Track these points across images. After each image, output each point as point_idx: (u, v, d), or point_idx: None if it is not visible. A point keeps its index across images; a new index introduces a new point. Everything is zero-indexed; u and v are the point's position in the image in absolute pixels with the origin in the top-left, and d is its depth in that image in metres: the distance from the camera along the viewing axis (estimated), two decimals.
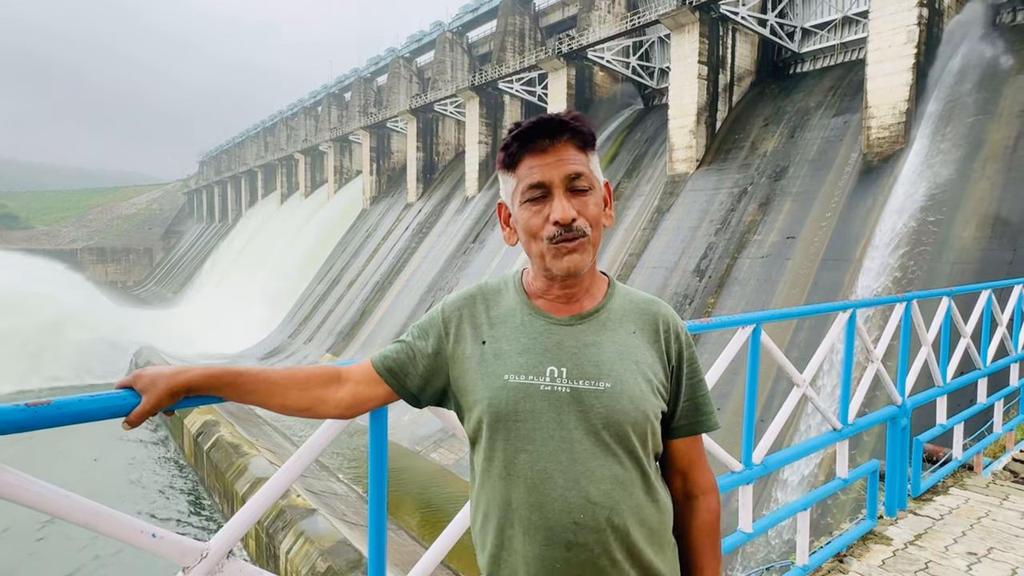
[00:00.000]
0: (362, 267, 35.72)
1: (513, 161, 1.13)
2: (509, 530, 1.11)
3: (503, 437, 1.11)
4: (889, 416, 3.58)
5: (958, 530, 3.40)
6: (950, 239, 12.70)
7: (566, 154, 1.11)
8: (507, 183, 1.16)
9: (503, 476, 1.11)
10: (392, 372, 1.21)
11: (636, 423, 1.11)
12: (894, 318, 3.67)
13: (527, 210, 1.13)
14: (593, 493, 1.08)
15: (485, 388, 1.12)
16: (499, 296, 1.22)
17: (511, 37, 32.54)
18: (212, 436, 16.38)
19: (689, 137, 20.23)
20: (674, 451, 1.23)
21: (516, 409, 1.10)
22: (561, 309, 1.17)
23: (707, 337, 14.34)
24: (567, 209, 1.09)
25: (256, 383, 1.15)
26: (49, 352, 30.46)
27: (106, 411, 1.04)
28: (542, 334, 1.14)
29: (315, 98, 55.81)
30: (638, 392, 1.12)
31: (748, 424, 2.64)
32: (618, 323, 1.17)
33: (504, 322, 1.17)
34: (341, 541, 10.41)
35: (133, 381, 1.07)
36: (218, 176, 74.20)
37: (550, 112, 1.13)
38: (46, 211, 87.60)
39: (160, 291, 67.93)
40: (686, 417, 1.22)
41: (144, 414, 1.05)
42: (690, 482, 1.24)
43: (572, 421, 1.09)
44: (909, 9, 15.22)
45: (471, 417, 1.15)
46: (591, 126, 1.15)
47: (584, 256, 1.12)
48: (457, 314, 1.20)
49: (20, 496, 0.97)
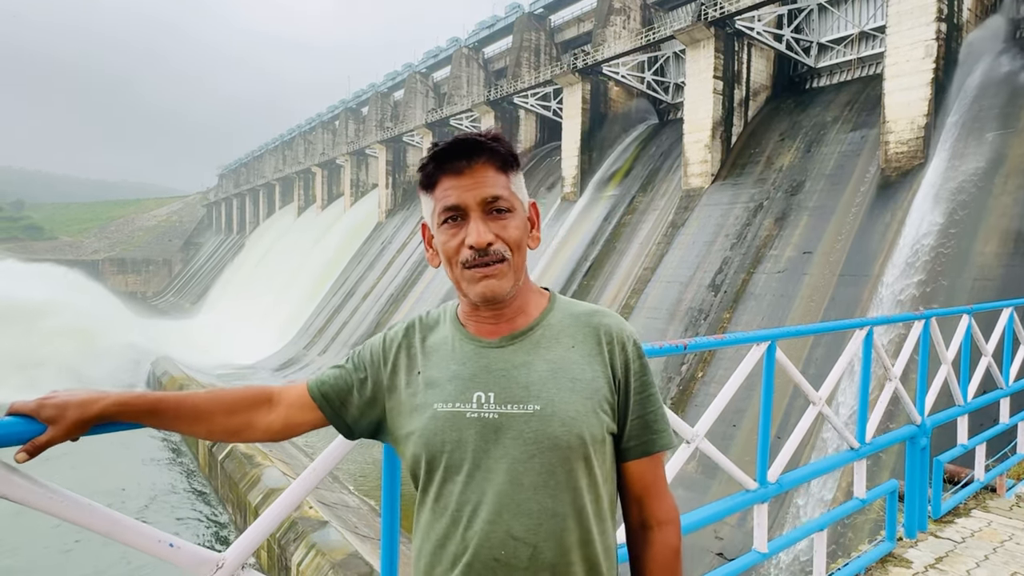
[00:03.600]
0: (377, 279, 35.96)
1: (430, 182, 1.09)
2: (438, 567, 1.05)
3: (433, 469, 1.06)
4: (908, 435, 3.52)
5: (980, 554, 3.32)
6: (971, 255, 12.51)
7: (483, 176, 1.06)
8: (427, 204, 1.12)
9: (432, 509, 1.06)
10: (328, 399, 1.15)
11: (570, 447, 1.02)
12: (912, 335, 3.62)
13: (444, 232, 1.08)
14: (516, 528, 1.00)
15: (417, 419, 1.07)
16: (436, 325, 1.17)
17: (527, 53, 32.85)
18: (226, 446, 16.48)
19: (704, 152, 20.20)
20: (627, 475, 1.13)
21: (444, 439, 1.04)
22: (491, 331, 1.11)
23: (722, 353, 14.20)
24: (482, 233, 1.04)
25: (177, 409, 1.08)
26: (62, 361, 30.88)
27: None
28: (471, 359, 1.09)
29: (333, 112, 56.65)
30: (572, 413, 1.03)
31: (763, 442, 2.61)
32: (554, 339, 1.10)
33: (437, 350, 1.12)
34: (352, 554, 10.38)
35: (37, 410, 0.97)
36: (237, 189, 75.35)
37: (469, 132, 1.09)
38: (70, 222, 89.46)
39: (178, 302, 68.83)
40: (636, 436, 1.11)
41: (44, 445, 0.96)
42: (646, 511, 1.14)
43: (500, 449, 1.02)
44: (927, 24, 15.14)
45: (406, 450, 1.10)
46: (510, 146, 1.10)
47: (502, 281, 1.06)
48: (395, 344, 1.16)
49: (45, 505, 1.00)
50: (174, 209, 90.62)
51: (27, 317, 32.53)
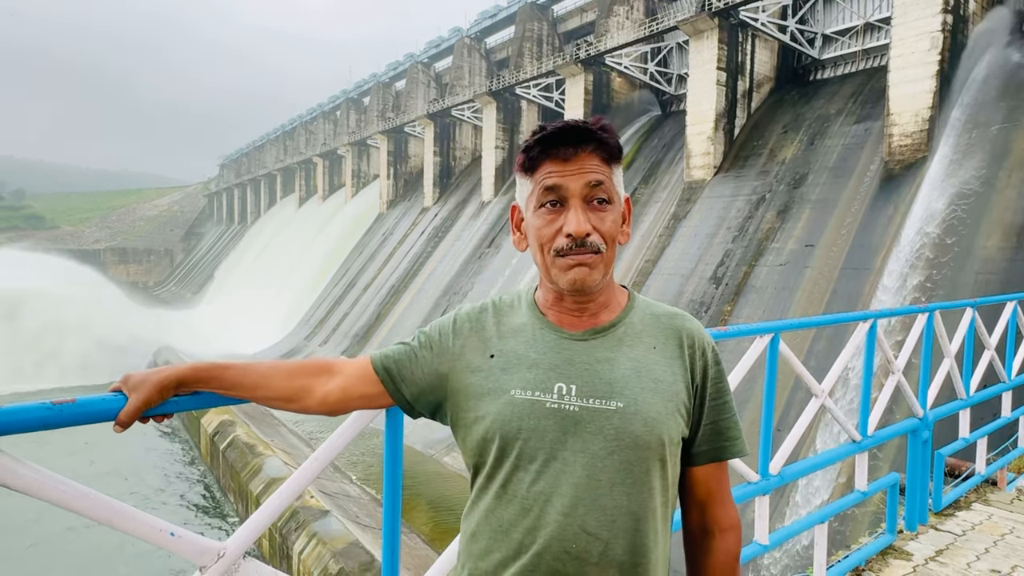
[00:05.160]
0: (378, 270, 35.96)
1: (532, 165, 1.07)
2: (496, 552, 1.03)
3: (504, 455, 1.03)
4: (910, 428, 3.52)
5: (981, 547, 3.32)
6: (974, 249, 12.47)
7: (589, 164, 1.04)
8: (523, 187, 1.10)
9: (499, 495, 1.04)
10: (390, 373, 1.14)
11: (650, 448, 1.02)
12: (916, 329, 3.61)
13: (540, 217, 1.06)
14: (591, 523, 1.00)
15: (490, 403, 1.05)
16: (511, 310, 1.15)
17: (529, 43, 32.65)
18: (228, 436, 16.55)
19: (707, 144, 20.11)
20: (693, 480, 1.13)
21: (520, 427, 1.02)
22: (574, 323, 1.09)
23: (724, 345, 14.15)
24: (582, 222, 1.02)
25: (243, 374, 1.12)
26: (68, 351, 31.03)
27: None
28: (552, 349, 1.07)
29: (334, 102, 56.41)
30: (653, 413, 1.02)
31: (765, 434, 2.61)
32: (636, 338, 1.09)
33: (515, 335, 1.10)
34: (353, 543, 10.45)
35: (123, 383, 1.04)
36: (238, 179, 75.22)
37: (574, 117, 1.08)
38: (71, 212, 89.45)
39: (180, 292, 68.91)
40: (708, 442, 1.11)
41: (134, 412, 1.02)
42: (708, 516, 1.13)
43: (579, 443, 1.01)
44: (933, 15, 15.01)
45: (473, 433, 1.07)
46: (617, 138, 1.08)
47: (594, 272, 1.04)
48: (468, 325, 1.14)
49: (44, 492, 0.99)
50: (175, 199, 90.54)
51: (33, 308, 32.63)
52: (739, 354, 2.45)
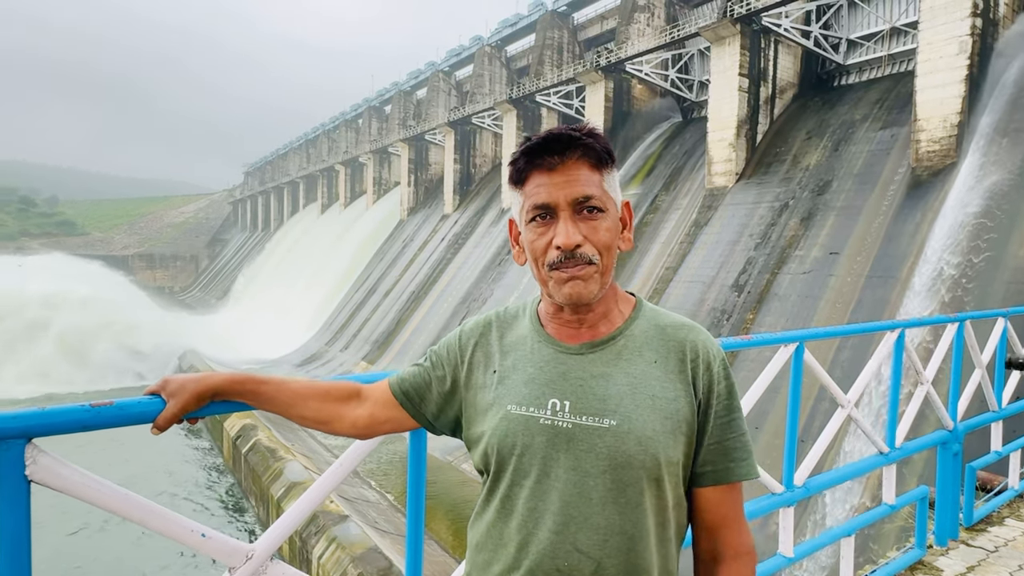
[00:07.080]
0: (398, 277, 36.21)
1: (520, 177, 1.05)
2: (496, 565, 1.04)
3: (502, 470, 1.04)
4: (940, 441, 3.44)
5: (1014, 563, 3.23)
6: (1005, 257, 12.16)
7: (576, 173, 1.01)
8: (515, 200, 1.08)
9: (499, 509, 1.05)
10: (408, 396, 1.17)
11: (644, 467, 0.98)
12: (945, 338, 3.54)
13: (532, 231, 1.04)
14: (582, 541, 0.98)
15: (491, 419, 1.06)
16: (515, 322, 1.14)
17: (549, 51, 32.76)
18: (250, 440, 16.76)
19: (728, 150, 19.95)
20: (700, 502, 1.07)
21: (514, 442, 1.02)
22: (571, 336, 1.07)
23: (745, 354, 14.01)
24: (571, 234, 1.00)
25: (278, 391, 1.16)
26: (101, 354, 31.79)
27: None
28: (548, 363, 1.06)
29: (356, 111, 57.14)
30: (649, 432, 0.99)
31: (790, 445, 2.57)
32: (636, 352, 1.05)
33: (515, 349, 1.10)
34: (372, 548, 10.49)
35: (162, 387, 1.08)
36: (262, 186, 76.47)
37: (564, 127, 1.04)
38: (101, 218, 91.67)
39: (204, 297, 70.11)
40: (712, 462, 1.05)
41: (171, 418, 1.06)
42: (720, 542, 1.07)
43: (571, 460, 1.00)
44: (962, 19, 14.74)
45: (477, 448, 1.08)
46: (606, 142, 1.05)
47: (589, 284, 1.02)
48: (472, 341, 1.14)
49: (84, 493, 1.02)
50: (201, 206, 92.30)
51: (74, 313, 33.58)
52: (762, 363, 2.43)
